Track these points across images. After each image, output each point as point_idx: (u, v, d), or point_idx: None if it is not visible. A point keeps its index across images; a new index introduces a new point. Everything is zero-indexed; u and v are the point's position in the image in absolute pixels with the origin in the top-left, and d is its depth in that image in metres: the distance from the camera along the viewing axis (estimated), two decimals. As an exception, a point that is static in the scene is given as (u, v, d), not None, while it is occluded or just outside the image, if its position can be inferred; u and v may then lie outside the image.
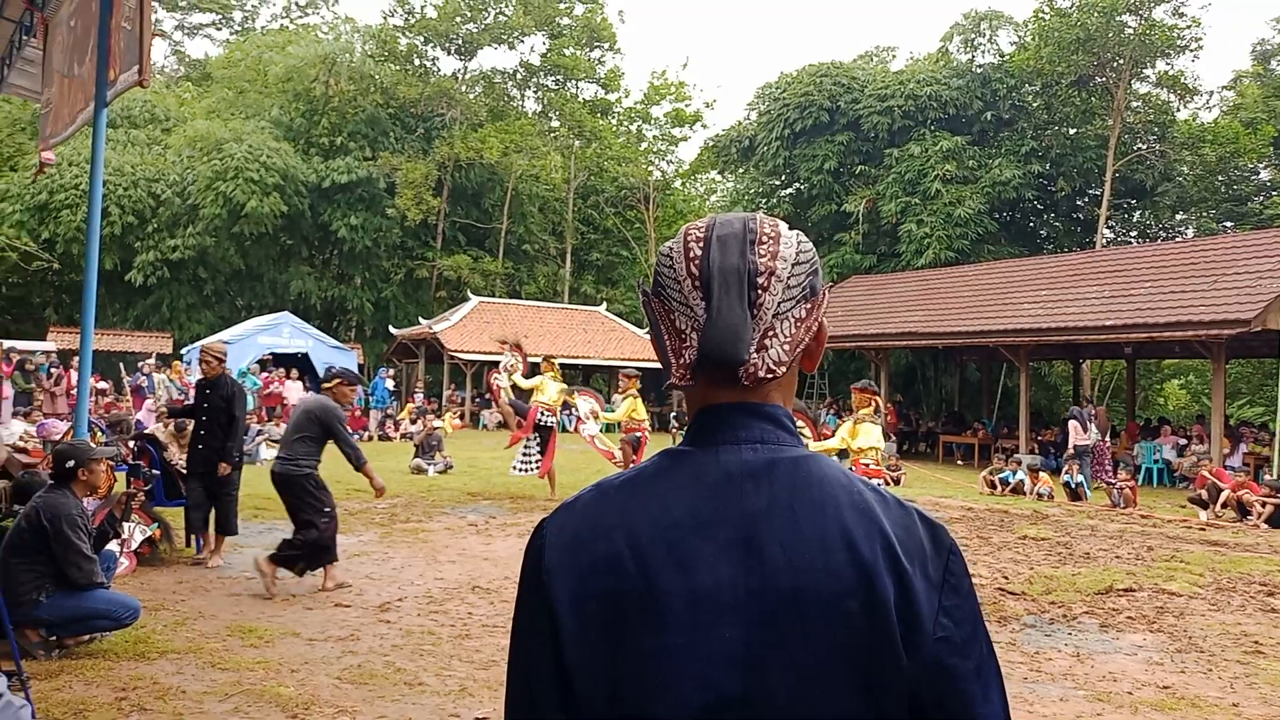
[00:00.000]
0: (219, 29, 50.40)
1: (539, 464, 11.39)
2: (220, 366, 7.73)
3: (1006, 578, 7.87)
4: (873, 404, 8.35)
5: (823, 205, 31.59)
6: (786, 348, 1.00)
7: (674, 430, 24.63)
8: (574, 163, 37.87)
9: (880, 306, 24.12)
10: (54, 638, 4.92)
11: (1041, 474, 15.12)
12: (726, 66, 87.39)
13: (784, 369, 1.00)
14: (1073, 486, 14.65)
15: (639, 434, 11.83)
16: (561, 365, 12.58)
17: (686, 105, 42.34)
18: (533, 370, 12.43)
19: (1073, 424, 16.60)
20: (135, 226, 30.00)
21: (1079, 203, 31.56)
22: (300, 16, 47.77)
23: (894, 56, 37.69)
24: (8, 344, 18.22)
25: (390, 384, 25.06)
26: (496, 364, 12.82)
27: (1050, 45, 27.86)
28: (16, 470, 6.57)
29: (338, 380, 6.98)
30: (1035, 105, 30.42)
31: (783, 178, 34.24)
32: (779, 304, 1.00)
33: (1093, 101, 29.91)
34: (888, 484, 15.46)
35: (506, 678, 1.02)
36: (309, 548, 6.52)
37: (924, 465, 19.84)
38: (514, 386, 11.85)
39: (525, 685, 0.98)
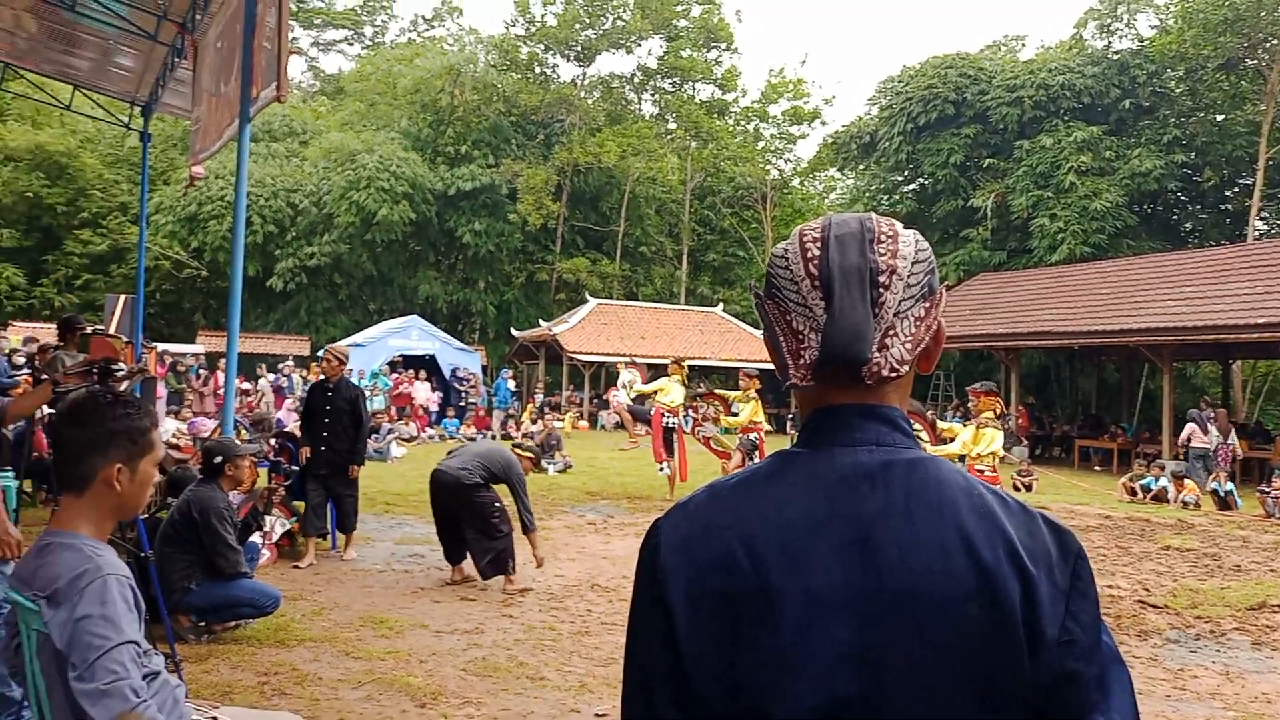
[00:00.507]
0: (351, 44, 52.79)
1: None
2: (342, 368, 7.73)
3: (1148, 590, 7.44)
4: (995, 408, 8.09)
5: (948, 201, 30.65)
6: (908, 346, 1.00)
7: (793, 432, 24.31)
8: (690, 164, 37.92)
9: (1010, 305, 23.21)
10: (203, 623, 5.24)
11: (1187, 481, 14.24)
12: (846, 62, 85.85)
13: (906, 368, 0.99)
14: (1221, 495, 13.75)
15: (755, 436, 11.72)
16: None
17: (805, 102, 41.80)
18: (658, 373, 12.52)
19: (1190, 426, 15.84)
20: (276, 235, 31.69)
21: (1227, 194, 29.60)
22: (427, 30, 49.52)
23: (1023, 45, 36.33)
24: (161, 347, 19.52)
25: (512, 385, 25.65)
26: (615, 364, 12.96)
27: (1195, 28, 26.21)
28: (170, 465, 7.05)
29: (528, 456, 7.29)
30: (1178, 91, 28.69)
31: (905, 173, 33.40)
32: (900, 302, 1.00)
33: (1242, 85, 28.01)
34: (1019, 490, 14.87)
35: (623, 677, 1.03)
36: (500, 555, 6.62)
37: (1058, 471, 18.97)
38: (638, 395, 12.01)
39: (641, 682, 0.99)
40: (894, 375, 0.98)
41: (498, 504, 6.66)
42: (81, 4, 8.49)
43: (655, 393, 11.90)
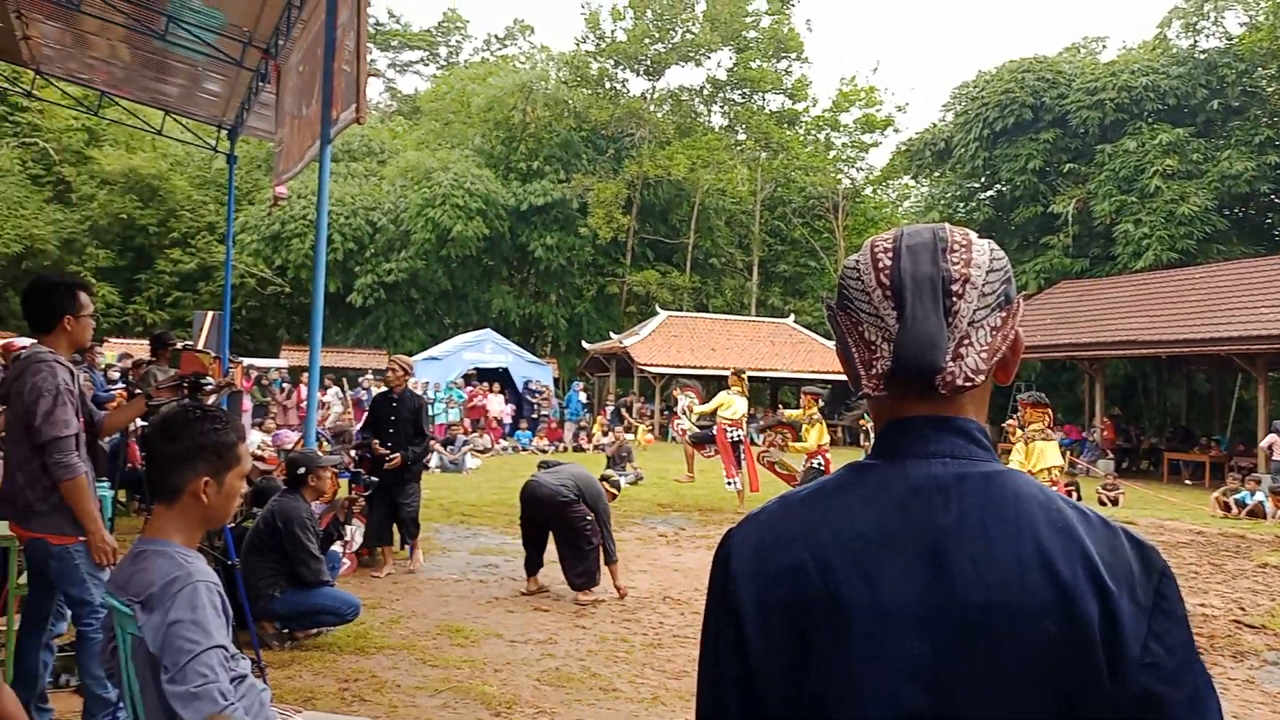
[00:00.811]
0: (426, 65, 54.07)
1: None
2: (406, 378, 7.81)
3: (1243, 609, 7.12)
4: (1045, 418, 7.91)
5: (1027, 207, 29.91)
6: (984, 356, 0.98)
7: (866, 445, 23.94)
8: (760, 175, 37.77)
9: (1094, 313, 22.50)
10: (286, 630, 5.38)
11: (1287, 495, 13.59)
12: (919, 69, 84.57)
13: (981, 377, 0.98)
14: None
15: (821, 461, 11.06)
16: (748, 378, 12.52)
17: (877, 110, 41.27)
18: (719, 387, 12.47)
19: (1271, 437, 15.36)
20: (355, 252, 32.53)
21: (1326, 195, 28.24)
22: (500, 49, 50.46)
23: (1104, 47, 35.14)
24: (246, 361, 20.19)
25: (583, 397, 25.84)
26: (671, 391, 12.96)
27: (1289, 23, 25.15)
28: (255, 476, 7.28)
29: (612, 491, 7.39)
30: (1271, 90, 27.49)
31: (982, 180, 32.71)
32: (974, 311, 0.99)
33: (1343, 82, 26.74)
34: (1103, 504, 14.36)
35: (697, 683, 1.05)
36: (590, 569, 6.75)
37: (1146, 485, 18.29)
38: (699, 416, 11.96)
39: (713, 690, 1.01)
40: (969, 385, 0.97)
41: (589, 518, 6.76)
42: (172, 33, 8.87)
43: (716, 409, 11.78)
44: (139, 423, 7.27)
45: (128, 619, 2.06)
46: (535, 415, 23.80)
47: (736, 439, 11.45)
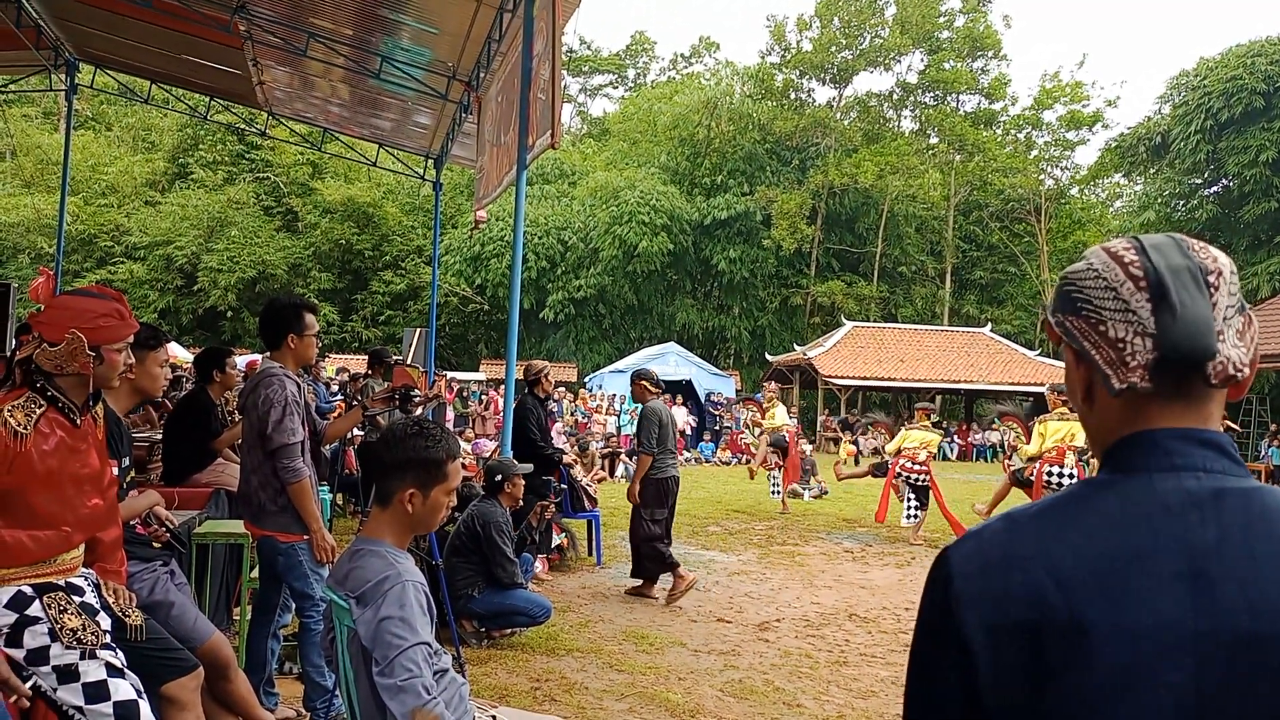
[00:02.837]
0: (615, 87, 55.63)
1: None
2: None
3: None
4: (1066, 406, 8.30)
5: (1258, 203, 27.23)
6: (1242, 350, 0.94)
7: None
8: (954, 179, 36.31)
9: (1341, 319, 20.14)
10: (484, 629, 5.68)
11: None
12: (1130, 61, 78.74)
13: (1248, 370, 0.94)
14: None
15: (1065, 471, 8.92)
16: (941, 390, 12.01)
17: (1084, 106, 38.75)
18: (909, 401, 12.03)
19: None
20: (548, 270, 33.89)
21: None
22: (686, 67, 51.18)
23: (1352, 22, 31.54)
24: (449, 375, 21.43)
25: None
26: (868, 419, 12.58)
27: None
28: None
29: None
30: None
31: (1205, 175, 30.09)
32: (1226, 308, 0.94)
33: None
34: None
35: (906, 709, 1.00)
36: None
37: None
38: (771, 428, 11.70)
39: (932, 716, 0.96)
40: (1238, 375, 0.93)
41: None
42: (386, 72, 9.61)
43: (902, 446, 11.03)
44: (356, 431, 7.86)
45: (344, 612, 2.26)
46: (718, 427, 23.87)
47: (919, 480, 10.39)
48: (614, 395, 23.03)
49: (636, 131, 41.64)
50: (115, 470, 2.83)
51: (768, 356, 31.31)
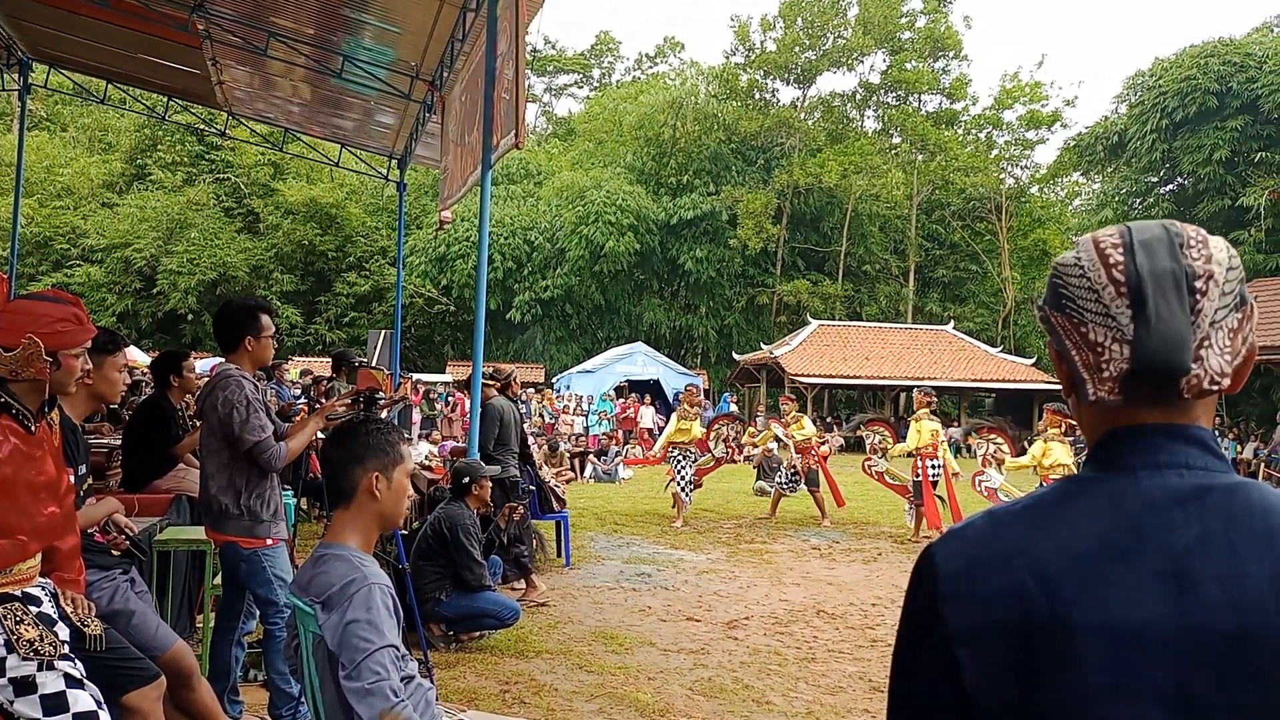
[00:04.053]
0: (580, 87, 55.56)
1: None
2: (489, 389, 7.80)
3: None
4: (1063, 425, 8.57)
5: (1213, 201, 27.82)
6: (1227, 358, 0.92)
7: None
8: (917, 178, 36.69)
9: (1292, 314, 20.62)
10: (451, 632, 5.65)
11: None
12: (1087, 60, 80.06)
13: (1227, 381, 0.92)
14: None
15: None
16: (905, 387, 12.05)
17: (1042, 106, 39.32)
18: (874, 400, 11.96)
19: None
20: (514, 270, 33.77)
21: None
22: (651, 67, 51.27)
23: (1300, 24, 32.30)
24: (415, 377, 21.27)
25: (734, 408, 25.81)
26: (867, 420, 12.36)
27: None
28: (424, 486, 7.67)
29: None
30: None
31: (1161, 173, 30.68)
32: (1216, 311, 0.92)
33: None
34: None
35: (890, 709, 1.00)
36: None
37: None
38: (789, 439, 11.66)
39: (916, 715, 0.96)
40: (1214, 388, 0.91)
41: None
42: (347, 71, 9.52)
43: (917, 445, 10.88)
44: (319, 435, 7.78)
45: (309, 618, 2.23)
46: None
47: (934, 476, 10.25)
48: (581, 396, 23.03)
49: (602, 131, 41.62)
50: (72, 477, 2.77)
51: (735, 356, 31.44)
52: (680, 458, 10.99)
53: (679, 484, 10.97)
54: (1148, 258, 0.92)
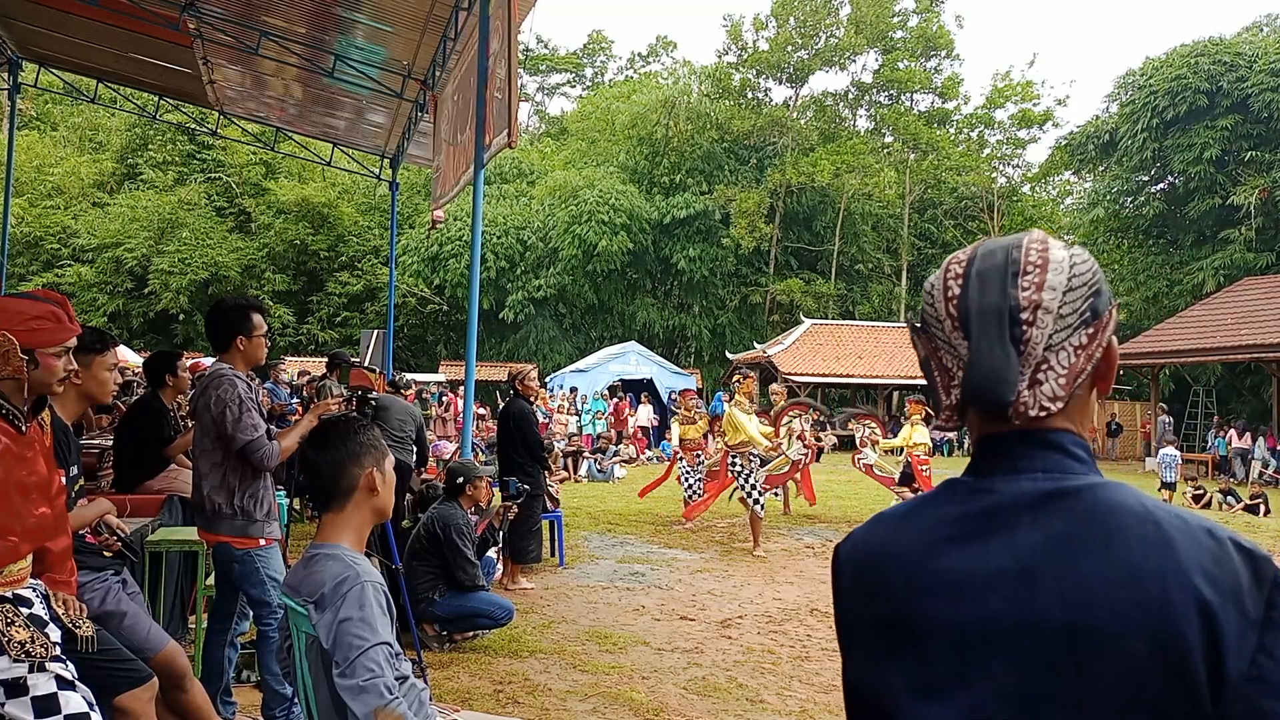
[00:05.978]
0: (573, 86, 55.44)
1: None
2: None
3: None
4: (923, 412, 9.51)
5: (1203, 199, 27.88)
6: (1062, 381, 0.96)
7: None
8: (909, 177, 36.75)
9: (1282, 312, 20.72)
10: (445, 633, 5.64)
11: None
12: (1079, 61, 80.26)
13: (1059, 404, 0.96)
14: None
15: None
16: (899, 386, 12.08)
17: (1034, 105, 39.42)
18: (867, 398, 12.03)
19: None
20: (507, 270, 33.70)
21: None
22: (643, 66, 51.16)
23: (1290, 23, 32.44)
24: (408, 376, 21.20)
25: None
26: (854, 412, 12.42)
27: None
28: (417, 485, 7.66)
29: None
30: None
31: (1152, 172, 30.74)
32: (1050, 336, 0.96)
33: None
34: (1255, 512, 13.14)
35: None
36: None
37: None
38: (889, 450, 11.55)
39: (845, 700, 1.05)
40: (1044, 413, 0.96)
41: None
42: (339, 70, 9.50)
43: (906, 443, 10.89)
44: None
45: (302, 618, 2.22)
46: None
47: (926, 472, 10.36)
48: (575, 392, 23.02)
49: (595, 131, 41.55)
50: (64, 478, 2.76)
51: (728, 354, 31.44)
52: (741, 466, 9.34)
53: (746, 493, 9.34)
54: (979, 292, 0.97)
